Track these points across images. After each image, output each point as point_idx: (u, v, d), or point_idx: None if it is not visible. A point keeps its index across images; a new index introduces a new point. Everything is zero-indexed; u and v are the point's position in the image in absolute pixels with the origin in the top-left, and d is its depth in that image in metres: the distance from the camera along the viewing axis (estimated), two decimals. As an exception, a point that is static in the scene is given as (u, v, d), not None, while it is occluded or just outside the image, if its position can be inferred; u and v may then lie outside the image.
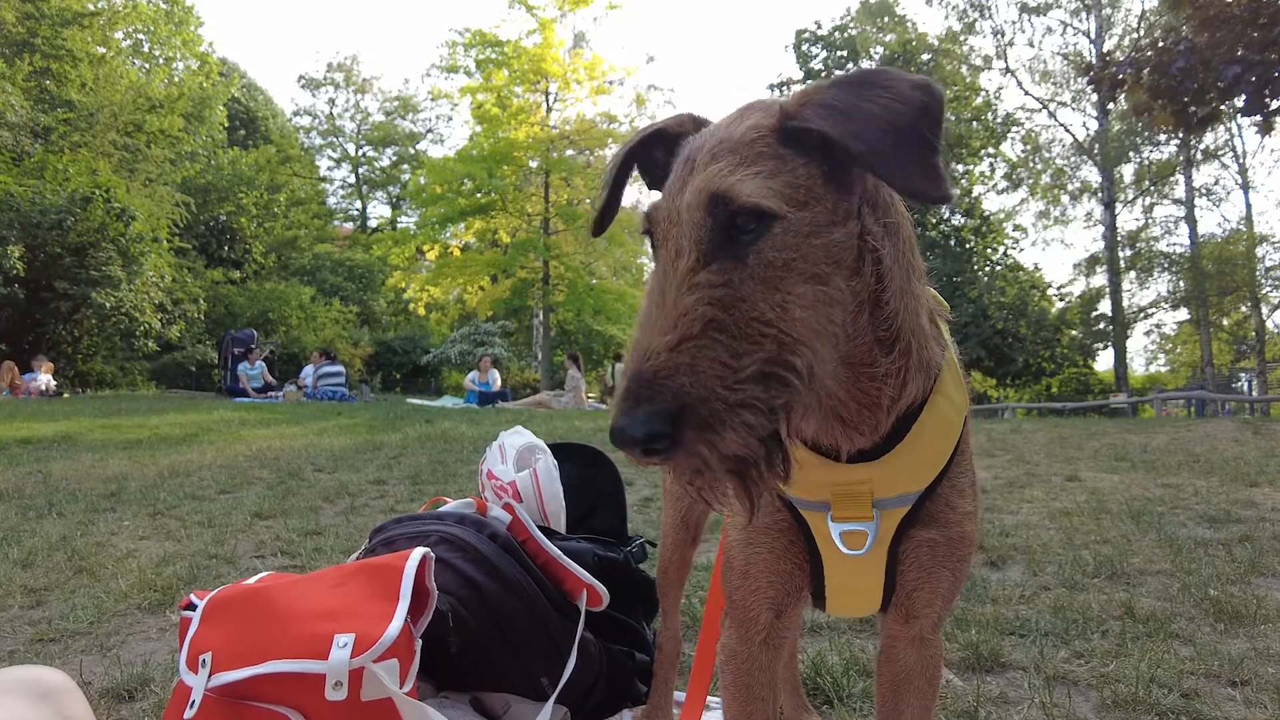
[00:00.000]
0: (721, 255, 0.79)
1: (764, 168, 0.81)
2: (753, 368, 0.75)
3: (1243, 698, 1.96)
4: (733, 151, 0.82)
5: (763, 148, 0.82)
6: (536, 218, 27.17)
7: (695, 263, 0.78)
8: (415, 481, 5.42)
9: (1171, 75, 10.55)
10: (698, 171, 0.83)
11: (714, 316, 0.75)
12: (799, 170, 0.82)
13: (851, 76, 0.83)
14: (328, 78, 45.65)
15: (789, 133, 0.83)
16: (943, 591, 1.08)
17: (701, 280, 0.77)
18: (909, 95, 0.80)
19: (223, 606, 1.48)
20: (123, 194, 20.07)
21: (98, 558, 3.46)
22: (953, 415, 1.01)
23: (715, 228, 0.79)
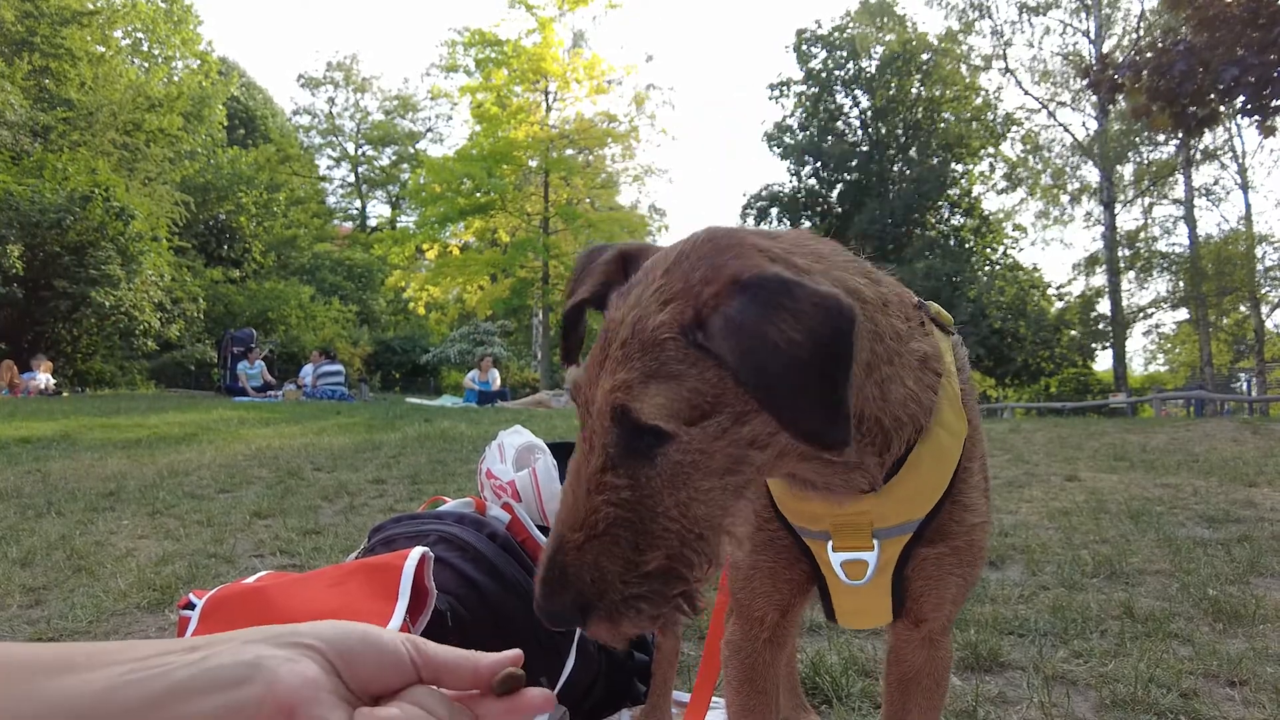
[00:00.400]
0: (628, 458, 0.82)
1: (673, 379, 0.80)
2: (651, 565, 0.81)
3: (1241, 697, 1.96)
4: (643, 352, 0.81)
5: (672, 350, 0.80)
6: (536, 217, 27.19)
7: (603, 464, 0.82)
8: (414, 481, 5.42)
9: (1171, 77, 10.56)
10: (609, 366, 0.83)
11: (619, 516, 0.81)
12: (708, 375, 0.80)
13: (762, 287, 0.77)
14: (327, 77, 45.67)
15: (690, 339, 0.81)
16: (951, 596, 1.08)
17: (608, 482, 0.82)
18: (812, 324, 0.74)
19: (221, 605, 1.48)
20: (122, 193, 20.07)
21: (97, 557, 3.46)
22: (950, 443, 1.01)
23: (621, 435, 0.82)
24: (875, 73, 36.44)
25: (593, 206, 28.06)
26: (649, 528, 0.81)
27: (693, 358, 0.80)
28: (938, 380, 1.00)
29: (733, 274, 0.80)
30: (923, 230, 35.14)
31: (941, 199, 35.35)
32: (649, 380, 0.80)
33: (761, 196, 38.51)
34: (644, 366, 0.81)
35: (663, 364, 0.80)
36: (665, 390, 0.79)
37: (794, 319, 0.74)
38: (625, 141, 27.89)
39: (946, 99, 35.52)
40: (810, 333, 0.74)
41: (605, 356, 0.84)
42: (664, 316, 0.82)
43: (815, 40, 37.51)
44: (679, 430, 0.80)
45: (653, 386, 0.80)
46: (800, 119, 38.47)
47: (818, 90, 37.74)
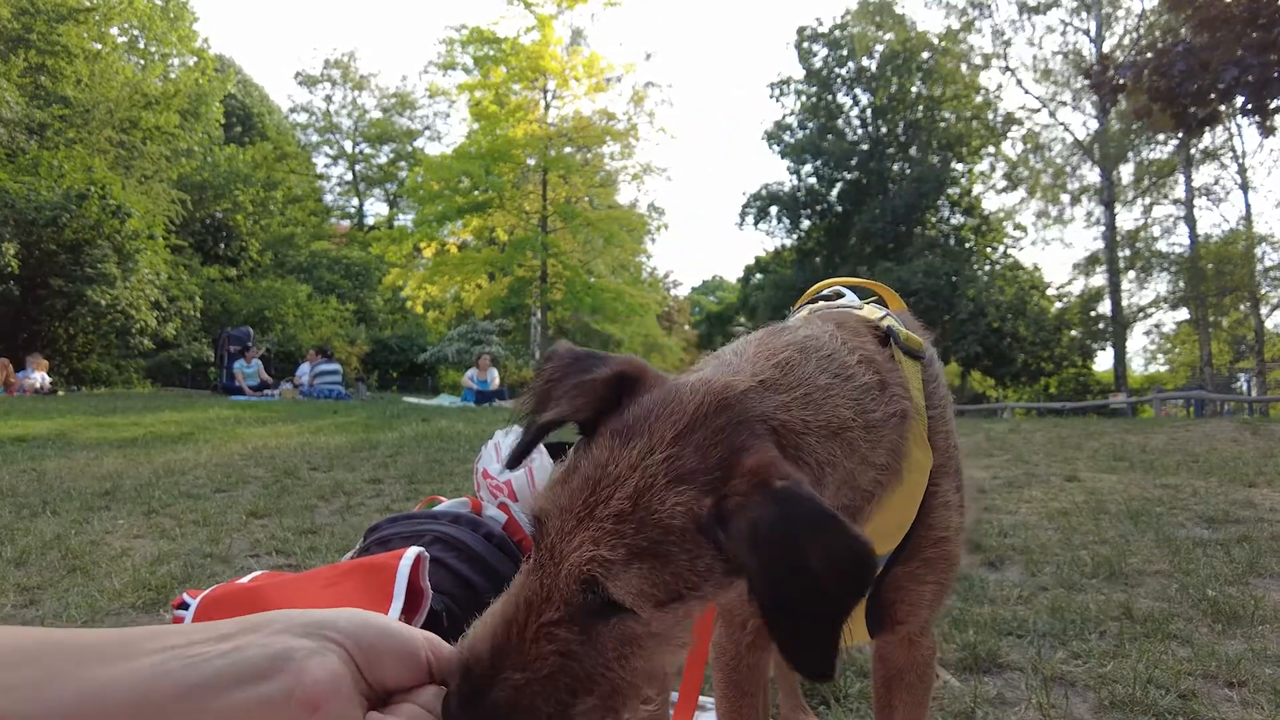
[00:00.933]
0: (586, 616, 0.79)
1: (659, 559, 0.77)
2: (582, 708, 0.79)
3: (1240, 698, 1.95)
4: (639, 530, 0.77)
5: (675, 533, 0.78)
6: (534, 215, 27.17)
7: (560, 617, 0.79)
8: (411, 480, 5.41)
9: (1171, 77, 10.56)
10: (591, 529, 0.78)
11: (562, 665, 0.79)
12: (700, 566, 0.78)
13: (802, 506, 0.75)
14: (325, 74, 45.59)
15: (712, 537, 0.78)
16: (925, 601, 1.11)
17: (561, 635, 0.79)
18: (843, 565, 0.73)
19: (216, 605, 1.46)
20: (118, 191, 20.03)
21: (92, 556, 3.44)
22: (918, 479, 1.03)
23: (588, 602, 0.79)
24: (876, 71, 36.46)
25: (591, 205, 28.06)
26: (590, 675, 0.79)
27: (694, 546, 0.77)
28: (907, 433, 1.02)
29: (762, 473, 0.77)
30: (923, 229, 35.15)
31: (941, 198, 35.38)
32: (632, 559, 0.77)
33: (761, 195, 38.51)
34: (633, 544, 0.77)
35: (655, 542, 0.77)
36: (647, 574, 0.77)
37: (825, 553, 0.73)
38: (624, 140, 27.90)
39: (947, 98, 35.54)
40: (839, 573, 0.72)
41: (589, 515, 0.79)
42: (675, 498, 0.78)
43: (816, 38, 37.52)
44: (644, 612, 0.78)
45: (634, 568, 0.77)
46: (800, 117, 38.48)
47: (818, 89, 37.75)
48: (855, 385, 0.97)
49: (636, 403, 0.86)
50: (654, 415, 0.84)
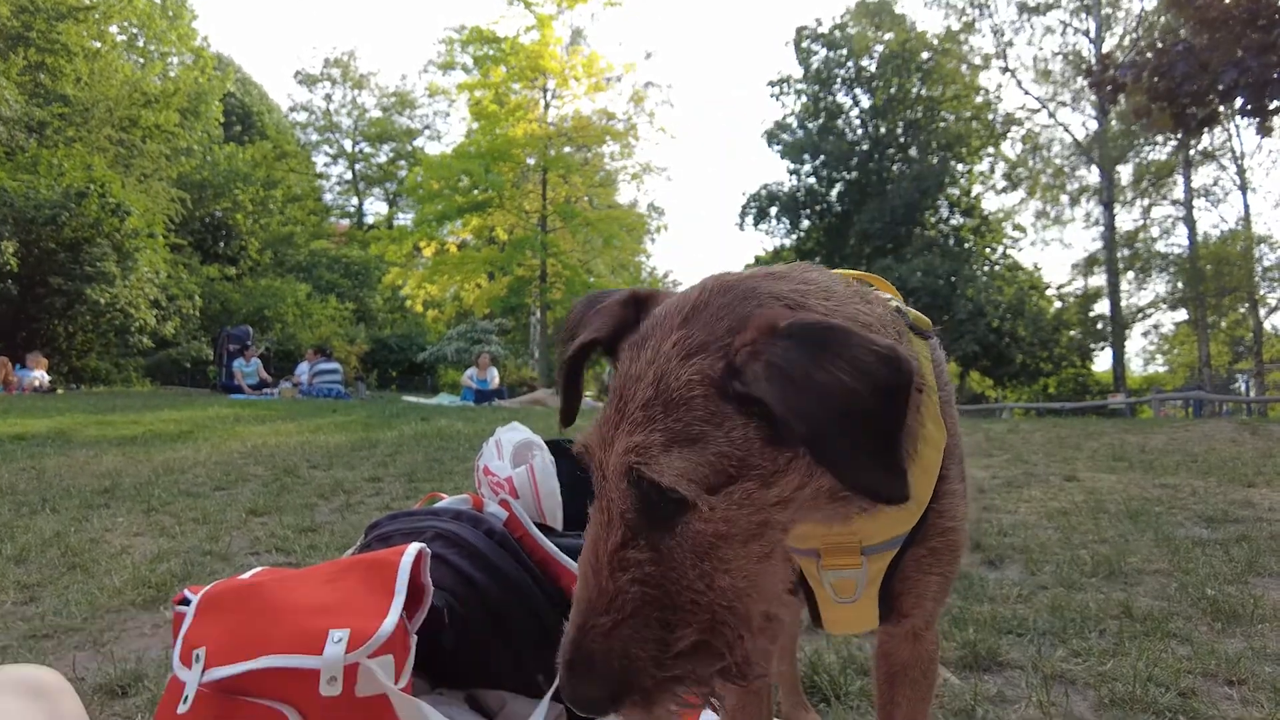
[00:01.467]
0: (648, 528, 0.77)
1: (696, 441, 0.75)
2: (683, 643, 0.77)
3: (1240, 696, 1.95)
4: (666, 412, 0.76)
5: (698, 408, 0.76)
6: (534, 215, 27.17)
7: (624, 537, 0.78)
8: (411, 479, 5.41)
9: (1171, 78, 10.58)
10: (625, 428, 0.77)
11: (645, 594, 0.77)
12: (736, 436, 0.75)
13: (810, 332, 0.73)
14: (324, 73, 45.58)
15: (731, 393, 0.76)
16: (931, 593, 1.09)
17: (630, 557, 0.77)
18: (870, 370, 0.70)
19: (217, 601, 1.46)
20: (118, 189, 20.02)
21: (91, 554, 3.45)
22: (933, 457, 1.01)
23: (640, 500, 0.77)
24: (875, 71, 36.48)
25: (591, 205, 28.06)
26: (677, 603, 0.77)
27: (720, 416, 0.76)
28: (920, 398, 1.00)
29: (767, 321, 0.76)
30: (922, 229, 35.16)
31: (941, 198, 35.40)
32: (670, 444, 0.75)
33: (761, 195, 38.52)
34: (666, 428, 0.76)
35: (687, 425, 0.75)
36: (688, 455, 0.75)
37: (850, 366, 0.70)
38: (624, 139, 27.90)
39: (946, 98, 35.56)
40: (867, 377, 0.70)
41: (621, 416, 0.79)
42: (689, 371, 0.77)
43: (815, 38, 37.53)
44: (699, 499, 0.75)
45: (674, 451, 0.75)
46: (800, 117, 38.50)
47: (818, 88, 37.77)
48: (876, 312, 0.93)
49: (649, 314, 0.88)
50: (664, 314, 0.85)
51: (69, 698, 1.29)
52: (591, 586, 0.79)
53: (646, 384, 0.78)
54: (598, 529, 0.80)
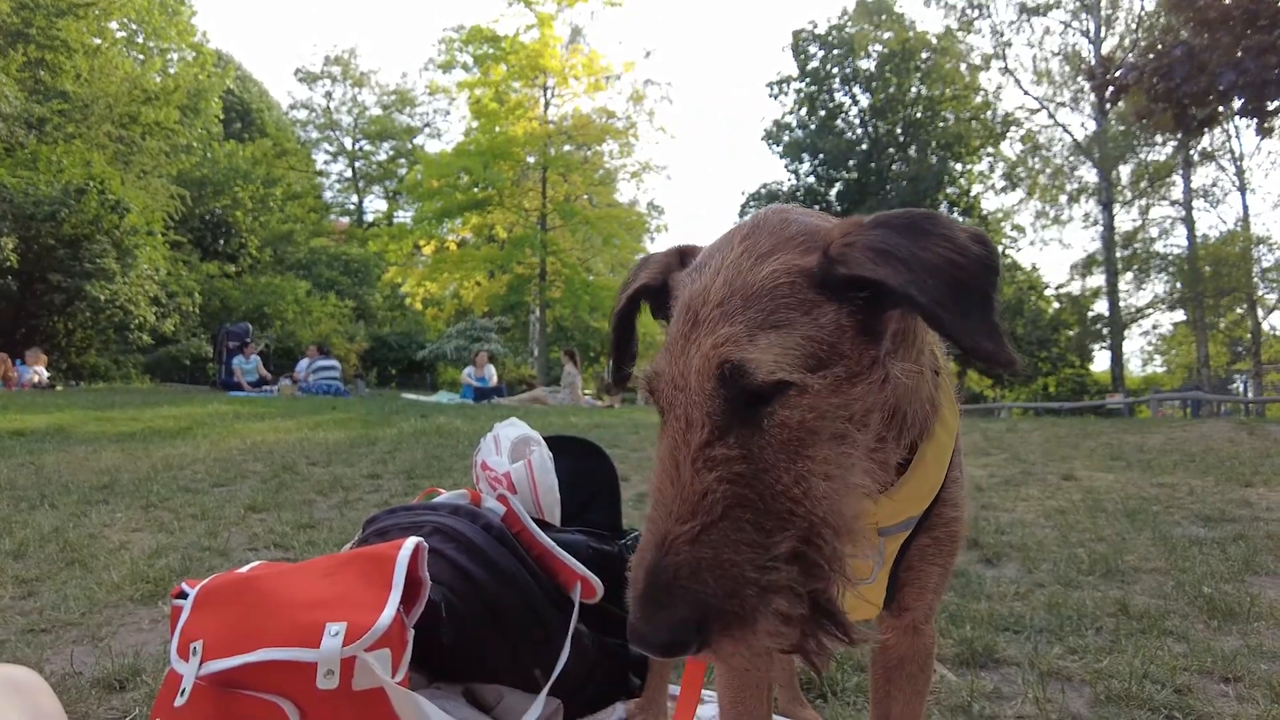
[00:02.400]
0: (737, 424, 0.73)
1: (783, 326, 0.73)
2: (784, 547, 0.70)
3: (1235, 694, 1.96)
4: (747, 304, 0.74)
5: (786, 296, 0.75)
6: (534, 213, 27.15)
7: (710, 435, 0.72)
8: (410, 476, 5.41)
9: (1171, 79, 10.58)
10: (704, 329, 0.75)
11: (736, 494, 0.71)
12: (826, 322, 0.75)
13: (899, 219, 0.76)
14: (325, 71, 45.52)
15: (830, 278, 0.75)
16: (932, 585, 1.09)
17: (718, 455, 0.72)
18: (970, 248, 0.73)
19: (214, 595, 1.47)
20: (117, 186, 20.00)
21: (90, 549, 3.45)
22: (947, 440, 1.01)
23: (729, 397, 0.73)
24: (874, 71, 36.46)
25: (590, 203, 28.05)
26: (772, 507, 0.70)
27: (808, 303, 0.74)
28: (937, 377, 1.00)
29: (851, 220, 0.79)
30: (920, 229, 35.13)
31: (940, 198, 35.39)
32: (757, 331, 0.73)
33: (760, 195, 38.50)
34: (749, 319, 0.74)
35: (771, 312, 0.74)
36: (776, 339, 0.72)
37: (949, 243, 0.73)
38: (623, 138, 27.90)
39: (946, 98, 35.54)
40: (969, 253, 0.73)
41: (694, 324, 0.76)
42: (769, 267, 0.76)
43: (812, 39, 37.51)
44: (802, 379, 0.72)
45: (762, 337, 0.73)
46: (799, 117, 38.48)
47: (816, 88, 37.75)
48: None
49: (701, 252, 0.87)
50: (719, 242, 0.85)
51: (46, 695, 1.29)
52: (671, 491, 0.72)
53: (716, 289, 0.77)
54: (675, 435, 0.74)
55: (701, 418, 0.73)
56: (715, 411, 0.73)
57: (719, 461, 0.71)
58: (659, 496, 0.73)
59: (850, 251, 0.74)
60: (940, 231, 0.74)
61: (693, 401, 0.74)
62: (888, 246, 0.73)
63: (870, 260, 0.73)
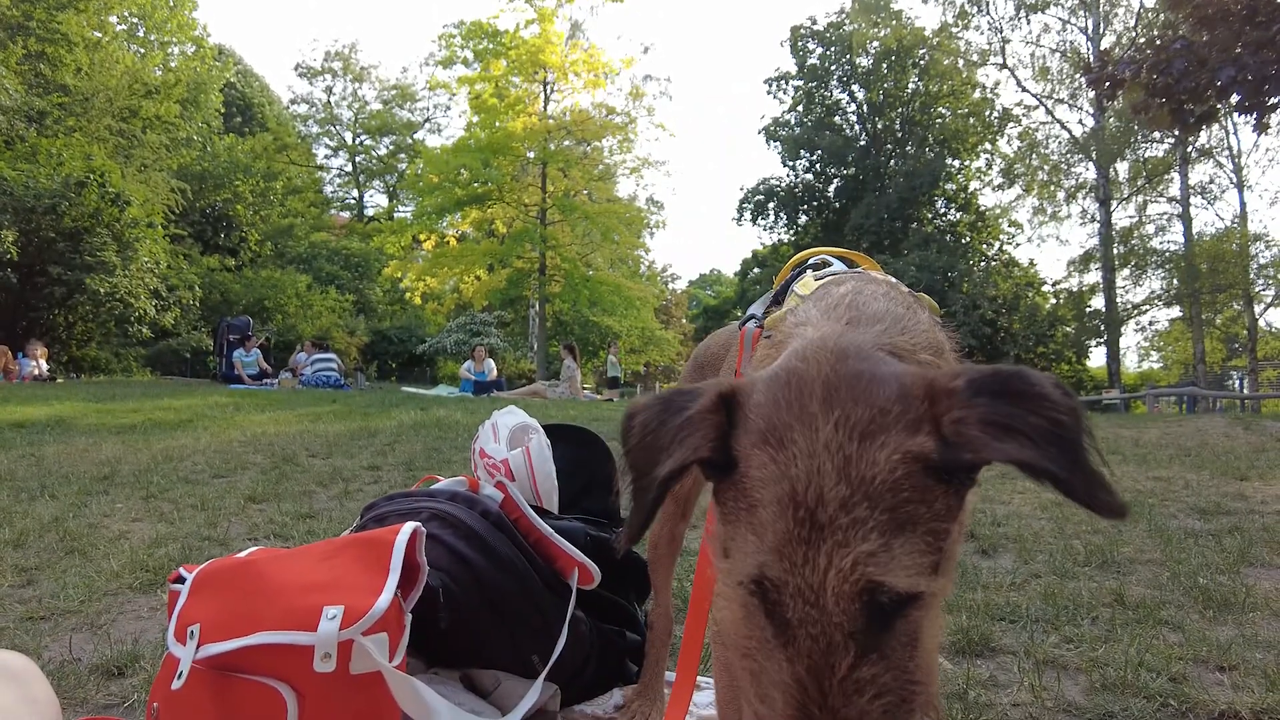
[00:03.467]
0: (878, 639, 0.71)
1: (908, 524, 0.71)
2: None
3: (1230, 682, 1.97)
4: (872, 505, 0.70)
5: (907, 490, 0.71)
6: (533, 208, 27.14)
7: (856, 659, 0.70)
8: (410, 468, 5.41)
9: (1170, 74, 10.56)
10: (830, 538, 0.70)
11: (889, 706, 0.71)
12: (938, 506, 0.73)
13: (995, 384, 0.73)
14: (325, 66, 45.40)
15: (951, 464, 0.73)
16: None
17: (867, 676, 0.70)
18: (1067, 405, 0.71)
19: (211, 579, 1.47)
20: (117, 179, 19.98)
21: (89, 538, 3.45)
22: None
23: (869, 615, 0.70)
24: (871, 67, 36.40)
25: (590, 198, 28.03)
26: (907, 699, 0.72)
27: (926, 491, 0.72)
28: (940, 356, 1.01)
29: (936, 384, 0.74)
30: (919, 225, 35.13)
31: (938, 194, 35.36)
32: (891, 540, 0.70)
33: (759, 190, 38.48)
34: (880, 523, 0.70)
35: (895, 510, 0.70)
36: (909, 546, 0.70)
37: (1050, 405, 0.71)
38: (623, 133, 27.86)
39: (943, 94, 35.49)
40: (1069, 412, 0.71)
41: (813, 528, 0.70)
42: (885, 453, 0.71)
43: (811, 36, 37.44)
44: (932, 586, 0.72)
45: (897, 547, 0.70)
46: (797, 114, 38.42)
47: (814, 85, 37.69)
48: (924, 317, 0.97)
49: (756, 407, 0.78)
50: (786, 403, 0.76)
51: (38, 681, 1.30)
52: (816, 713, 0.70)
53: (830, 484, 0.71)
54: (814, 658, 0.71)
55: (844, 640, 0.70)
56: (858, 631, 0.70)
57: (867, 683, 0.70)
58: None
59: (967, 431, 0.72)
60: (1038, 392, 0.72)
61: (833, 624, 0.70)
62: (1003, 419, 0.71)
63: (994, 439, 0.71)
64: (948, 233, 35.31)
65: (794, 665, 0.71)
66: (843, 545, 0.69)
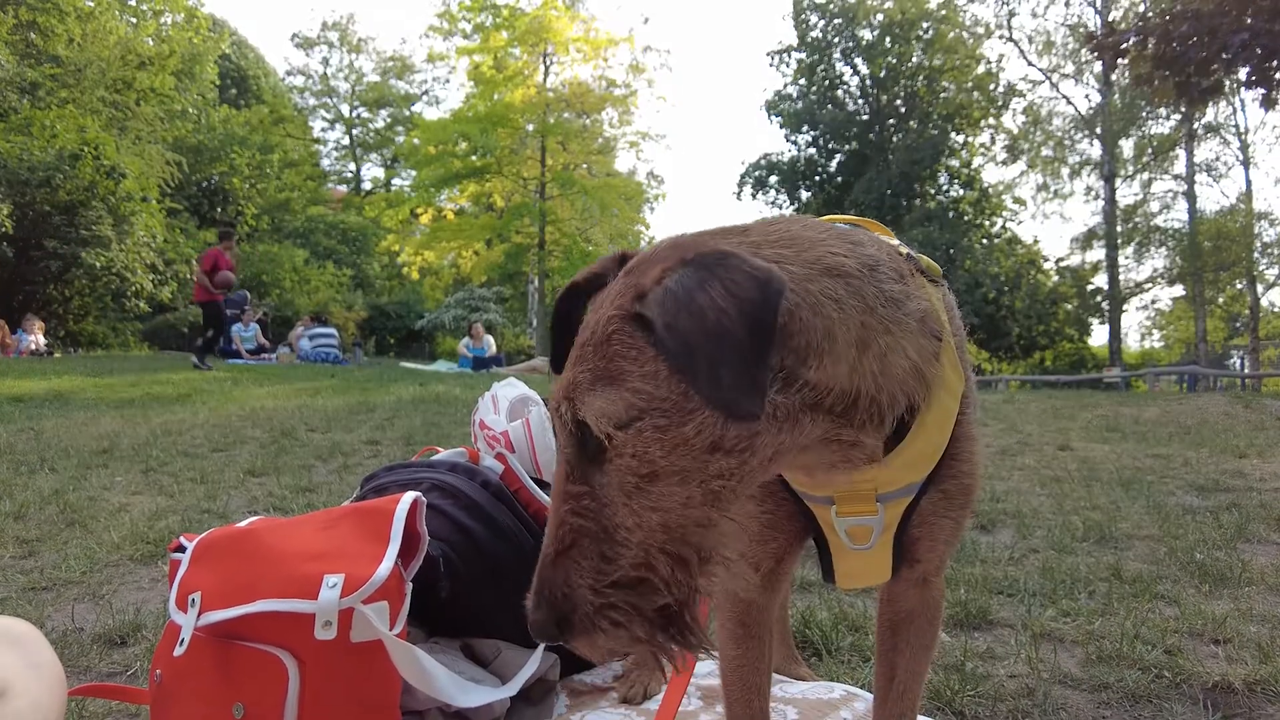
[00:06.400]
0: (584, 464, 0.81)
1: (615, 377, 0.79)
2: (618, 574, 0.80)
3: (1224, 654, 1.98)
4: (595, 351, 0.80)
5: (617, 343, 0.79)
6: (532, 182, 26.97)
7: (566, 472, 0.83)
8: (409, 442, 5.42)
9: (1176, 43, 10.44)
10: (570, 367, 0.83)
11: (580, 527, 0.80)
12: (648, 369, 0.78)
13: (708, 257, 0.77)
14: (322, 37, 44.81)
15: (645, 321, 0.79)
16: (944, 538, 1.08)
17: (571, 491, 0.82)
18: (740, 290, 0.74)
19: (212, 548, 1.47)
20: (112, 152, 19.81)
21: (90, 511, 3.46)
22: (950, 403, 0.99)
23: (576, 438, 0.81)
24: (875, 40, 35.99)
25: (589, 172, 27.85)
26: (612, 537, 0.80)
27: (635, 350, 0.79)
28: (938, 345, 0.97)
29: (679, 255, 0.80)
30: (921, 201, 34.96)
31: (941, 170, 35.14)
32: (596, 382, 0.79)
33: (760, 165, 38.21)
34: (594, 366, 0.80)
35: (610, 360, 0.79)
36: (607, 393, 0.78)
37: (724, 288, 0.74)
38: (622, 106, 27.62)
39: (947, 68, 35.14)
40: (738, 301, 0.73)
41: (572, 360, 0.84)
42: (612, 306, 0.81)
43: (813, 8, 36.97)
44: (612, 434, 0.78)
45: (598, 389, 0.79)
46: (800, 87, 38.05)
47: (817, 58, 37.27)
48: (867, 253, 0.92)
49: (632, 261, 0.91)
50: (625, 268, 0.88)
51: (43, 647, 1.30)
52: (549, 522, 0.84)
53: (588, 328, 0.83)
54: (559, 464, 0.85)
55: (562, 453, 0.84)
56: (567, 448, 0.83)
57: (570, 497, 0.82)
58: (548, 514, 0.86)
59: (653, 290, 0.78)
60: (724, 275, 0.75)
61: (559, 435, 0.84)
62: (676, 288, 0.76)
63: (654, 304, 0.77)
64: (950, 209, 35.14)
65: None
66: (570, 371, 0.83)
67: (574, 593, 0.80)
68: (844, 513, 1.03)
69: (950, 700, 1.73)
